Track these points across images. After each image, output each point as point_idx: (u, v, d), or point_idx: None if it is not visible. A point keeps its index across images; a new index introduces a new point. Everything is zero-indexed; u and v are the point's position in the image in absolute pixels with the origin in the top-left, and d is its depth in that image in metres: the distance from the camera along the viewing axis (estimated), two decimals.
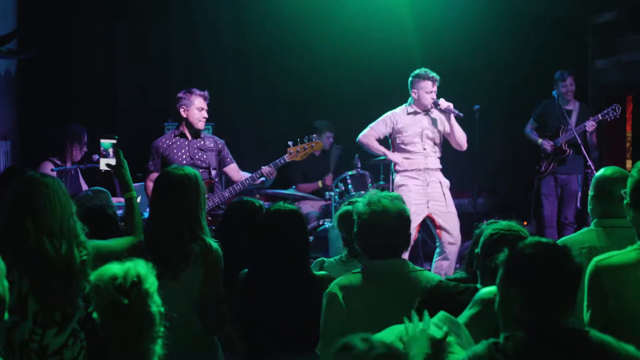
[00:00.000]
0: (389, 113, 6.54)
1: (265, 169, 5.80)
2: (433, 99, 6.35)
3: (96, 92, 7.96)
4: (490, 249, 2.92)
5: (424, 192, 6.35)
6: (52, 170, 6.03)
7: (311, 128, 8.11)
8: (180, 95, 5.80)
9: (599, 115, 7.23)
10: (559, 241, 3.63)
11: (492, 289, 2.71)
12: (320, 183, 7.89)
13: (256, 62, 8.47)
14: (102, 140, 3.70)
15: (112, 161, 3.65)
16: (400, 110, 6.52)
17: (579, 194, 7.57)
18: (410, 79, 6.44)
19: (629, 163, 8.08)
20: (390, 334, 2.46)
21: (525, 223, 7.95)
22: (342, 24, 8.18)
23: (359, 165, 7.30)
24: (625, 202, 3.16)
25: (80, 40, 7.83)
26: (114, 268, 2.31)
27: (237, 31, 8.43)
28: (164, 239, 3.52)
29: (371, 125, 6.55)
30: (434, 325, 2.44)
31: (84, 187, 6.13)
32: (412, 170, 6.39)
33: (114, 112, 8.06)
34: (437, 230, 6.36)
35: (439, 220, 6.32)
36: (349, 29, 8.20)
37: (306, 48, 8.27)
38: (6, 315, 2.36)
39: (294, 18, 8.15)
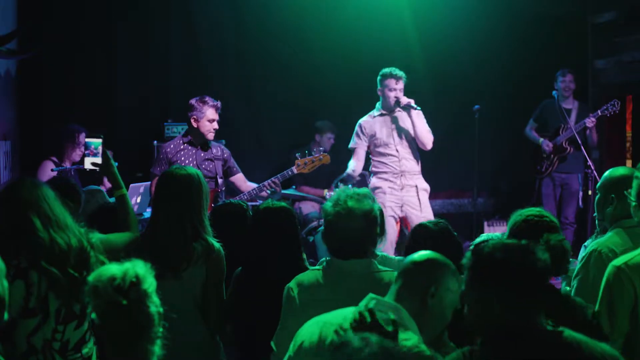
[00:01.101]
0: (357, 124, 6.53)
1: (269, 182, 5.77)
2: (396, 97, 6.31)
3: (96, 92, 7.95)
4: (526, 233, 2.91)
5: (399, 194, 6.34)
6: (52, 170, 6.04)
7: (312, 128, 8.12)
8: (192, 103, 5.73)
9: (599, 111, 7.26)
10: (594, 245, 3.53)
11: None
12: (325, 192, 7.85)
13: (256, 62, 8.47)
14: (87, 140, 3.73)
15: (98, 160, 3.67)
16: (366, 117, 6.52)
17: (580, 193, 7.58)
18: (377, 78, 6.44)
19: (629, 163, 8.09)
20: (328, 329, 2.49)
21: None
22: (342, 25, 8.18)
23: None
24: (633, 204, 3.15)
25: (80, 40, 7.82)
26: (113, 269, 2.31)
27: (237, 31, 8.42)
28: (167, 238, 3.53)
29: (352, 145, 6.55)
30: (382, 314, 2.43)
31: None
32: (387, 172, 6.38)
33: (114, 112, 8.05)
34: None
35: (411, 226, 6.31)
36: (349, 29, 8.20)
37: (306, 48, 8.27)
38: (6, 316, 2.37)
39: (294, 18, 8.15)
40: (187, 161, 5.69)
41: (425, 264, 2.61)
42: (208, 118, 5.70)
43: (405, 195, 6.35)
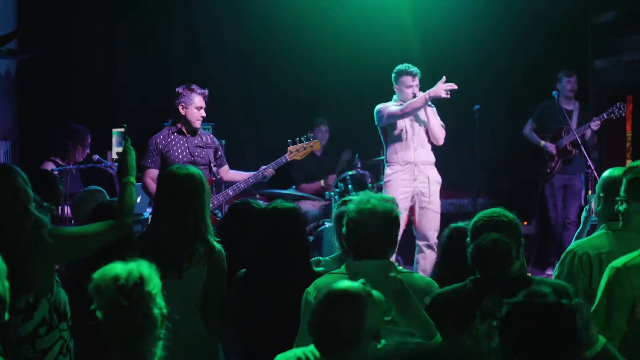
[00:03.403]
0: (380, 105, 6.48)
1: (267, 170, 5.81)
2: (414, 93, 6.38)
3: (96, 92, 7.96)
4: (478, 236, 2.93)
5: (411, 186, 6.38)
6: (52, 170, 6.03)
7: (309, 125, 8.15)
8: (179, 90, 5.75)
9: (604, 114, 7.22)
10: (572, 245, 3.58)
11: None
12: (322, 182, 7.87)
13: (256, 62, 8.47)
14: (113, 130, 3.72)
15: (121, 149, 3.66)
16: (391, 103, 6.53)
17: (583, 192, 7.57)
18: (392, 75, 6.47)
19: (628, 163, 8.06)
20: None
21: (525, 223, 7.95)
22: (342, 24, 8.19)
23: (359, 165, 7.30)
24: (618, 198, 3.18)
25: (80, 40, 7.82)
26: (117, 268, 2.30)
27: (237, 31, 8.43)
28: (168, 238, 3.53)
29: (385, 105, 6.44)
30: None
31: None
32: (401, 163, 6.42)
33: (114, 112, 8.05)
34: (414, 225, 6.40)
35: (417, 215, 6.38)
36: (349, 29, 8.21)
37: (306, 48, 8.27)
38: (6, 316, 2.36)
39: (293, 18, 8.15)
40: (179, 150, 5.69)
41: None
42: (196, 105, 5.71)
43: (418, 186, 6.40)
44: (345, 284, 2.57)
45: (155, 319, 2.29)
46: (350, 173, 7.23)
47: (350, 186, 7.10)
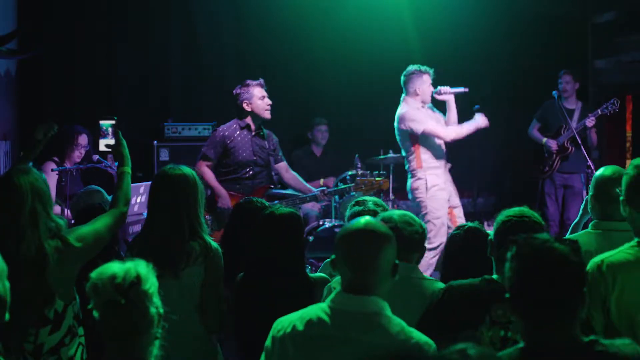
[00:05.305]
0: (410, 110, 6.39)
1: (322, 196, 5.95)
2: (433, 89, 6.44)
3: (96, 92, 7.96)
4: (504, 236, 2.90)
5: (447, 187, 6.39)
6: (52, 170, 6.03)
7: (309, 125, 8.15)
8: (237, 91, 5.94)
9: (599, 110, 7.24)
10: None
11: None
12: (321, 181, 7.87)
13: (256, 61, 8.47)
14: (101, 122, 3.75)
15: (111, 141, 3.66)
16: (412, 106, 6.45)
17: (584, 192, 7.57)
18: (406, 76, 6.44)
19: (629, 163, 8.05)
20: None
21: None
22: (342, 24, 8.19)
23: (359, 165, 7.30)
24: (621, 198, 3.18)
25: (80, 40, 7.82)
26: (115, 267, 2.30)
27: (237, 31, 8.43)
28: (164, 238, 3.53)
29: (430, 124, 6.36)
30: None
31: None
32: (439, 167, 6.38)
33: (114, 112, 8.04)
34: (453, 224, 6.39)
35: (456, 212, 6.39)
36: (349, 29, 8.21)
37: (306, 48, 8.27)
38: (7, 316, 2.36)
39: (294, 18, 8.15)
40: (244, 147, 5.84)
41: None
42: (258, 96, 5.93)
43: (449, 187, 6.44)
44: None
45: (152, 318, 2.30)
46: (350, 173, 7.23)
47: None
